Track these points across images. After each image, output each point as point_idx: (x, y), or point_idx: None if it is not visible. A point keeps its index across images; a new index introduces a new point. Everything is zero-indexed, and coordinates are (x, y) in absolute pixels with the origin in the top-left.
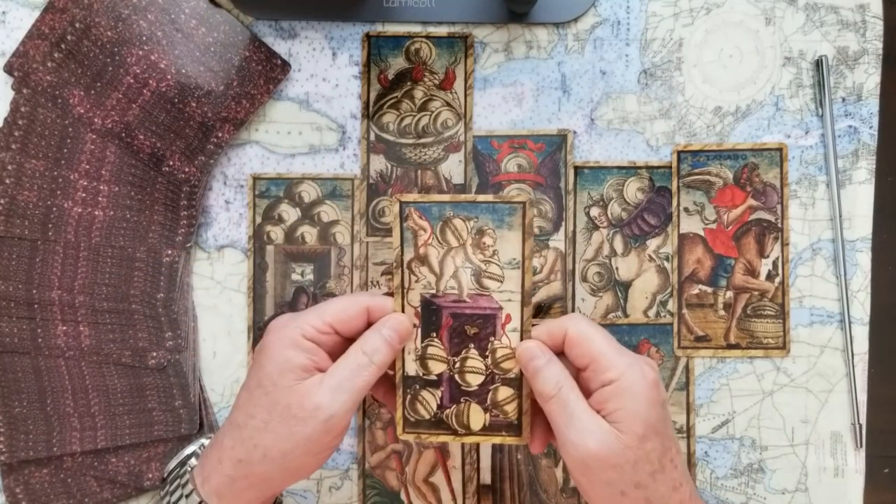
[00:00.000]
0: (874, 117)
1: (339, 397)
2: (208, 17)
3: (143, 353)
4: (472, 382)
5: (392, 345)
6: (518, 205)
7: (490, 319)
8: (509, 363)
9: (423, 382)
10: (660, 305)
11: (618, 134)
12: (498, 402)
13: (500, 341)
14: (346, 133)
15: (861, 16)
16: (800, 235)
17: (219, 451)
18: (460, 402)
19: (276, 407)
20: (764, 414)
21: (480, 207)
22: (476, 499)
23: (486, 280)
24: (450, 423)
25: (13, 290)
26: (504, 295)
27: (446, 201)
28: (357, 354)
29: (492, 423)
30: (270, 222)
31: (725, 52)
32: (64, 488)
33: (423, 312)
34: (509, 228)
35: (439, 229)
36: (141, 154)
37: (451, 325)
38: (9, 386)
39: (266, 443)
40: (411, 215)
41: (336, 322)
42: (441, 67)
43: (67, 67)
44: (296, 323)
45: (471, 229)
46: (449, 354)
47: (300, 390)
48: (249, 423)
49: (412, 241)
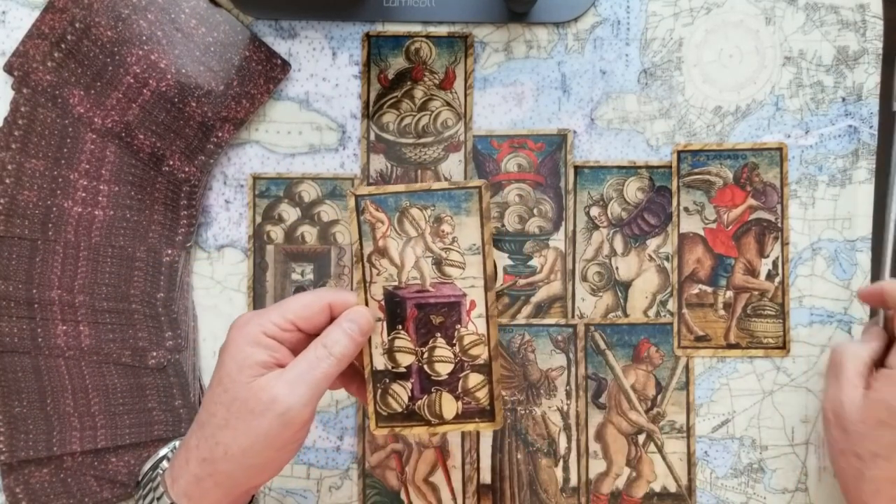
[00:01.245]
0: (874, 117)
1: (297, 390)
2: (208, 17)
3: (143, 353)
4: (441, 372)
5: (353, 337)
6: (474, 189)
7: (455, 307)
8: (477, 349)
9: (392, 376)
10: (660, 305)
11: (618, 134)
12: (469, 389)
13: (467, 328)
14: (346, 133)
15: (861, 15)
16: (800, 235)
17: (186, 451)
18: (431, 392)
19: (235, 403)
20: (764, 414)
21: (436, 195)
22: (476, 498)
23: (447, 268)
24: (422, 413)
25: (13, 289)
26: (467, 281)
27: (401, 191)
28: (316, 348)
29: (464, 410)
30: (270, 222)
31: (725, 51)
32: (64, 488)
33: (387, 305)
34: (467, 214)
35: (397, 220)
36: (141, 154)
37: (416, 315)
38: (9, 386)
39: (227, 439)
40: (367, 208)
41: (298, 318)
42: (441, 67)
43: (67, 67)
44: (258, 320)
45: (428, 218)
46: (416, 345)
47: (257, 385)
48: (211, 420)
49: (370, 234)
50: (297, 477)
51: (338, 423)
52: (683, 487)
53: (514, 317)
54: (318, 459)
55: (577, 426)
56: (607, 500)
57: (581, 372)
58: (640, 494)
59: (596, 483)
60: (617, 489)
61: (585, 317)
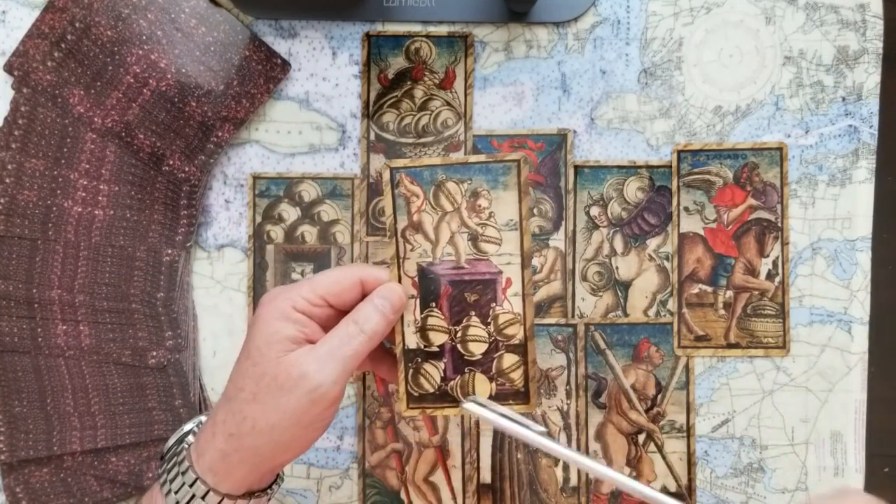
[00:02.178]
0: (874, 117)
1: (327, 366)
2: (208, 17)
3: (143, 353)
4: (475, 351)
5: (385, 314)
6: (512, 163)
7: (490, 285)
8: (513, 329)
9: (424, 355)
10: (660, 305)
11: (618, 133)
12: (503, 369)
13: (502, 307)
14: (346, 132)
15: (861, 15)
16: (800, 235)
17: (212, 425)
18: (464, 372)
19: (264, 378)
20: (764, 413)
21: (473, 168)
22: (476, 498)
23: (483, 244)
24: (455, 395)
25: (13, 289)
26: (503, 258)
27: (437, 164)
28: (347, 324)
29: (498, 392)
30: (270, 222)
31: (725, 51)
32: (64, 487)
33: (421, 282)
34: (504, 188)
35: (432, 194)
36: (141, 153)
37: (450, 293)
38: (9, 385)
39: (254, 414)
40: (402, 181)
41: (328, 294)
42: (441, 67)
43: (67, 67)
44: (287, 295)
45: (465, 192)
46: (450, 324)
47: (287, 360)
48: (239, 395)
49: (405, 209)
50: (297, 477)
51: (338, 423)
52: (683, 487)
53: None
54: (318, 459)
55: (577, 426)
56: (607, 500)
57: (581, 371)
58: None
59: (596, 483)
60: (617, 489)
61: (585, 316)
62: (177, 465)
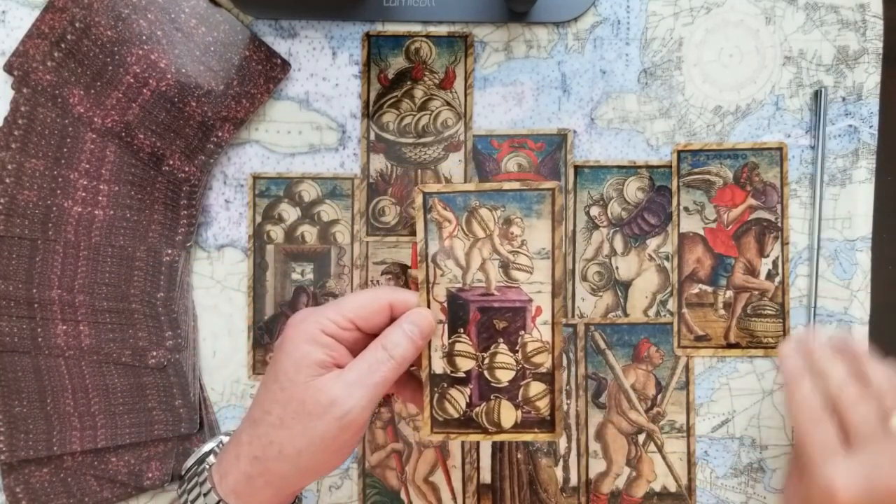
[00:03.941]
0: (874, 117)
1: (356, 393)
2: (208, 17)
3: (143, 353)
4: (502, 379)
5: (414, 340)
6: (547, 191)
7: (520, 312)
8: (541, 357)
9: (451, 380)
10: (660, 305)
11: (618, 133)
12: (529, 398)
13: (531, 335)
14: (346, 132)
15: (861, 15)
16: (800, 235)
17: (236, 447)
18: (490, 399)
19: (291, 403)
20: (764, 413)
21: (507, 196)
22: (476, 498)
23: (514, 271)
24: (480, 421)
25: (13, 289)
26: (534, 286)
27: (471, 190)
28: (376, 349)
29: (523, 419)
30: (270, 222)
31: (725, 51)
32: (64, 487)
33: (450, 307)
34: (538, 217)
35: (465, 220)
36: (141, 153)
37: (478, 319)
38: (9, 385)
39: (281, 439)
40: (435, 206)
41: (357, 317)
42: (441, 67)
43: (67, 67)
44: (314, 317)
45: (497, 219)
46: (477, 350)
47: (315, 386)
48: (265, 419)
49: (437, 234)
50: None
51: None
52: (683, 487)
53: None
54: None
55: (577, 426)
56: (607, 500)
57: (581, 371)
58: (640, 494)
59: (596, 483)
60: (617, 489)
61: (585, 316)
62: (198, 486)
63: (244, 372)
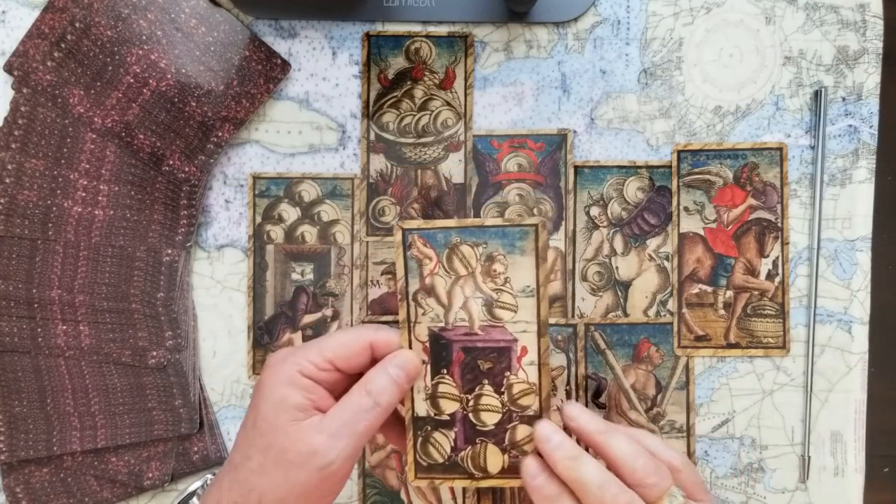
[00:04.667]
0: (874, 117)
1: (338, 443)
2: (208, 17)
3: (143, 353)
4: (487, 421)
5: (400, 384)
6: (530, 227)
7: (505, 352)
8: (528, 399)
9: (434, 423)
10: (660, 305)
11: (618, 133)
12: (517, 441)
13: (517, 376)
14: (346, 132)
15: (861, 15)
16: (800, 235)
17: (217, 492)
18: (476, 443)
19: (271, 450)
20: (764, 413)
21: (489, 232)
22: (476, 498)
23: (498, 310)
24: (465, 465)
25: (13, 289)
26: (518, 325)
27: (452, 227)
28: (360, 395)
29: (511, 464)
30: (270, 222)
31: (725, 51)
32: (64, 488)
33: (432, 347)
34: (521, 253)
35: (446, 257)
36: (141, 153)
37: (462, 360)
38: (9, 385)
39: (262, 487)
40: (415, 243)
41: (337, 358)
42: (441, 67)
43: (67, 67)
44: (293, 359)
45: (480, 256)
46: (462, 392)
47: (296, 433)
48: (246, 464)
49: (417, 271)
50: None
51: None
52: None
53: None
54: None
55: None
56: None
57: (581, 372)
58: None
59: None
60: None
61: (585, 316)
62: None
63: (244, 372)
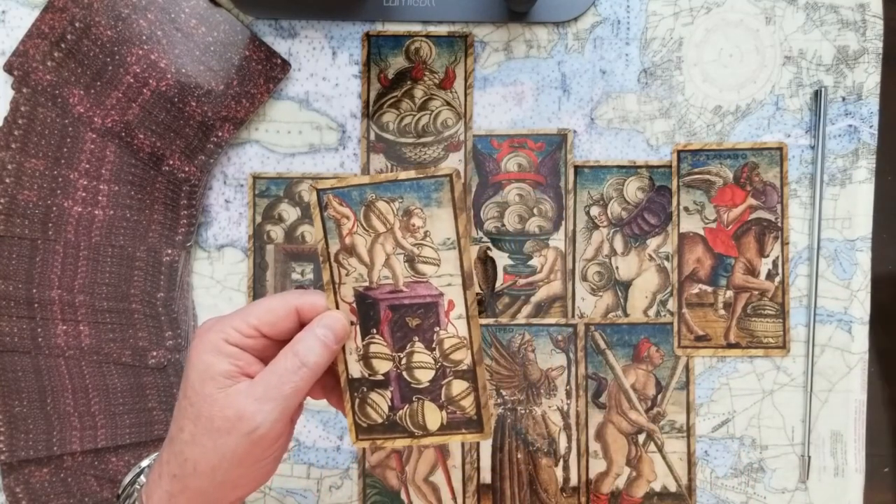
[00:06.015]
0: (874, 117)
1: (265, 406)
2: (208, 17)
3: (143, 353)
4: (422, 379)
5: (328, 344)
6: (444, 178)
7: (432, 308)
8: (459, 354)
9: (370, 384)
10: (660, 305)
11: (618, 133)
12: (453, 397)
13: (446, 331)
14: (346, 132)
15: (861, 15)
16: (800, 235)
17: (158, 466)
18: (412, 401)
19: (200, 419)
20: (764, 413)
21: (404, 186)
22: (476, 498)
23: (421, 265)
24: (405, 425)
25: (13, 289)
26: (443, 279)
27: (366, 183)
28: (287, 357)
29: (449, 420)
30: (270, 221)
31: (725, 51)
32: (64, 487)
33: (359, 307)
34: (438, 205)
35: (363, 215)
36: (141, 153)
37: (390, 318)
38: (9, 385)
39: (195, 456)
40: (330, 203)
41: (262, 324)
42: (441, 67)
43: (67, 67)
44: (219, 326)
45: (397, 211)
46: (393, 351)
47: (223, 400)
48: (179, 436)
49: (336, 232)
50: (297, 477)
51: (338, 423)
52: (683, 487)
53: (514, 316)
54: (318, 459)
55: (577, 426)
56: (607, 500)
57: (581, 371)
58: (640, 494)
59: (596, 483)
60: (617, 489)
61: (585, 316)
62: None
63: None
